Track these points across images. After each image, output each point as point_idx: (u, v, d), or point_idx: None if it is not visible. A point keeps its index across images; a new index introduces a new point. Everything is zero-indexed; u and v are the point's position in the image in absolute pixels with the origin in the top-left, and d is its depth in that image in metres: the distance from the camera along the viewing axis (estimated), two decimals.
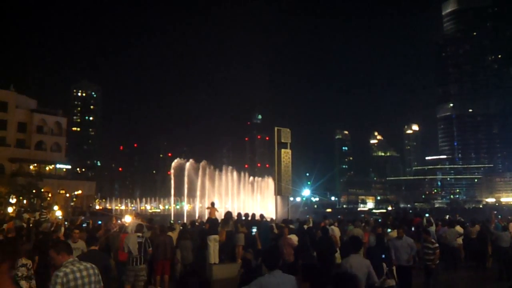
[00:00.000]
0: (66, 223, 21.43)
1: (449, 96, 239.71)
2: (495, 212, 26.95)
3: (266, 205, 50.14)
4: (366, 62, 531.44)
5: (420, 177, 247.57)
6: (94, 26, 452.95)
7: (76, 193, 77.64)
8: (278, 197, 25.61)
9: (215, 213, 17.73)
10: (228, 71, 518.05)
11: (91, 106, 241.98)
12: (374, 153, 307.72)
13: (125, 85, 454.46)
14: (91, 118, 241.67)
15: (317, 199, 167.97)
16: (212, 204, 18.80)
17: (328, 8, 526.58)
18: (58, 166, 79.59)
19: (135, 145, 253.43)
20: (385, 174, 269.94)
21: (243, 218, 17.20)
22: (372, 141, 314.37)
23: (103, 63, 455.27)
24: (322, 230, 14.25)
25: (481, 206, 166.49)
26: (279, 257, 6.15)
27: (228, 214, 16.50)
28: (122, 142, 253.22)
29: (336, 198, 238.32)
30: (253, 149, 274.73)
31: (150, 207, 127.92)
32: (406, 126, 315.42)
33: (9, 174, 67.97)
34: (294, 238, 12.79)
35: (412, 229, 17.08)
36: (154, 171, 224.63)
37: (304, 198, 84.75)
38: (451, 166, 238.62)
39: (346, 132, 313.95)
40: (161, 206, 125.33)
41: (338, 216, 27.83)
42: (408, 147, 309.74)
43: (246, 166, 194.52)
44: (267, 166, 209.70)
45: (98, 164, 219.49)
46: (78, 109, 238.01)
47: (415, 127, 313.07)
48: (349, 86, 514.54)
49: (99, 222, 24.43)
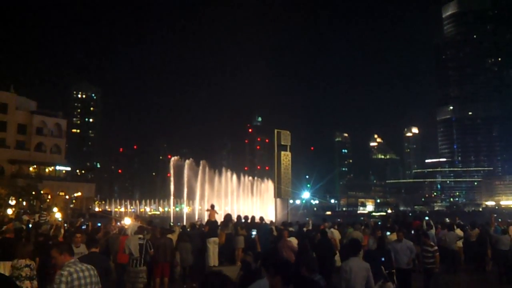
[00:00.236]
0: (65, 225, 21.39)
1: (449, 98, 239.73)
2: (495, 215, 26.86)
3: (266, 207, 50.13)
4: (366, 65, 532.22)
5: (419, 180, 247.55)
6: (94, 27, 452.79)
7: (75, 195, 77.57)
8: (277, 199, 25.59)
9: (215, 215, 17.70)
10: (228, 73, 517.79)
11: (91, 108, 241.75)
12: (374, 155, 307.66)
13: (125, 87, 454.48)
14: (91, 120, 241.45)
15: (316, 202, 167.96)
16: (211, 206, 18.75)
17: (328, 11, 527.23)
18: (57, 167, 79.66)
19: (135, 147, 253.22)
20: (384, 177, 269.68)
21: (243, 220, 17.19)
22: (372, 143, 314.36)
23: (103, 65, 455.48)
24: (321, 232, 14.25)
25: (480, 209, 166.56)
26: (278, 260, 6.16)
27: (227, 216, 16.48)
28: (122, 144, 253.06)
29: (335, 201, 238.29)
30: (253, 151, 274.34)
31: (149, 209, 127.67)
32: (406, 129, 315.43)
33: (8, 176, 67.90)
34: (293, 241, 12.79)
35: (411, 232, 17.08)
36: (153, 173, 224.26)
37: (303, 201, 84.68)
38: (451, 169, 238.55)
39: (346, 134, 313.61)
40: (160, 208, 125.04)
41: (338, 219, 27.79)
42: (408, 150, 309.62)
43: (246, 168, 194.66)
44: (267, 168, 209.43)
45: (98, 166, 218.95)
46: (78, 110, 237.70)
47: (415, 130, 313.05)
48: (349, 89, 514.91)
49: (99, 224, 24.42)
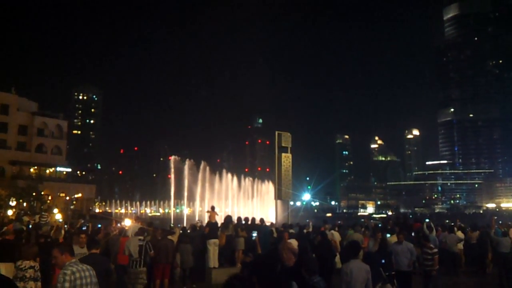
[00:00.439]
0: (66, 226, 21.35)
1: (449, 101, 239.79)
2: (496, 217, 26.82)
3: (266, 209, 50.10)
4: (367, 67, 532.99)
5: (420, 182, 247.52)
6: (95, 29, 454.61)
7: (76, 196, 77.57)
8: (278, 201, 25.53)
9: (215, 217, 17.67)
10: (229, 75, 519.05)
11: (92, 109, 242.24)
12: (375, 157, 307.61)
13: (126, 88, 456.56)
14: (92, 121, 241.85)
15: (317, 204, 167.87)
16: (212, 208, 18.73)
17: (329, 13, 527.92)
18: (58, 169, 79.70)
19: (136, 148, 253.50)
20: (385, 178, 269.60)
21: (243, 222, 17.16)
22: (372, 145, 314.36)
23: (104, 67, 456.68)
24: (321, 234, 14.24)
25: (481, 212, 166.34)
26: (278, 262, 6.17)
27: (228, 218, 16.45)
28: (123, 145, 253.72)
29: (336, 203, 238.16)
30: (253, 153, 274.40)
31: (150, 211, 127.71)
32: (406, 131, 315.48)
33: (9, 177, 68.04)
34: (294, 242, 12.75)
35: (412, 234, 17.05)
36: (154, 175, 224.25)
37: (304, 203, 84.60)
38: (452, 171, 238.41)
39: (346, 136, 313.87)
40: (161, 210, 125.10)
41: (338, 221, 27.70)
42: (408, 152, 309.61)
43: (246, 170, 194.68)
44: (267, 170, 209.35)
45: (99, 167, 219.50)
46: (79, 112, 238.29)
47: (416, 132, 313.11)
48: (350, 91, 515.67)
49: (99, 226, 24.35)
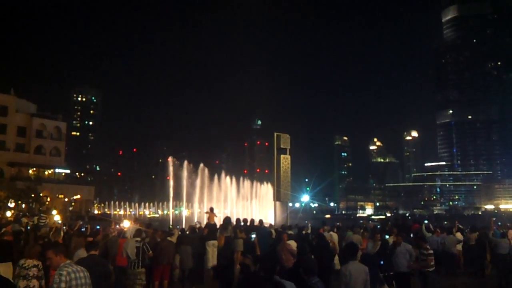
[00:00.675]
0: (64, 228, 21.31)
1: (448, 102, 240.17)
2: (494, 219, 26.89)
3: (265, 210, 50.06)
4: (366, 68, 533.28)
5: (419, 183, 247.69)
6: (94, 31, 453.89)
7: (75, 197, 77.51)
8: (277, 202, 25.56)
9: (214, 218, 17.69)
10: (227, 77, 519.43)
11: (91, 111, 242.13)
12: (374, 159, 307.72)
13: (124, 90, 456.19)
14: (91, 123, 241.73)
15: (316, 205, 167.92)
16: (211, 209, 18.76)
17: (329, 15, 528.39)
18: (57, 170, 79.65)
19: (134, 150, 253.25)
20: (384, 180, 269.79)
21: (242, 223, 17.17)
22: (371, 147, 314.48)
23: (103, 68, 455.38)
24: (317, 236, 14.27)
25: (480, 213, 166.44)
26: (276, 263, 6.18)
27: (227, 219, 16.46)
28: (122, 147, 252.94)
29: (335, 204, 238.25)
30: (252, 154, 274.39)
31: (148, 212, 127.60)
32: (405, 133, 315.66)
33: (8, 178, 67.97)
34: (293, 244, 12.78)
35: (410, 235, 17.08)
36: (153, 176, 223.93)
37: (303, 204, 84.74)
38: (450, 173, 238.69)
39: (345, 138, 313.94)
40: (159, 211, 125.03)
41: (337, 223, 27.73)
42: (407, 154, 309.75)
43: (245, 171, 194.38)
44: (266, 171, 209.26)
45: (97, 168, 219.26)
46: (78, 113, 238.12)
47: (415, 134, 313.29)
48: (348, 92, 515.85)
49: (98, 227, 24.31)
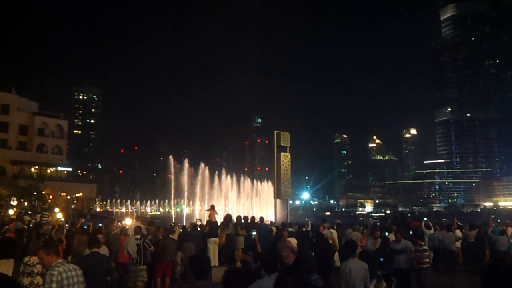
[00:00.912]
0: (67, 226, 21.41)
1: (447, 100, 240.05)
2: (493, 216, 26.97)
3: (265, 208, 50.22)
4: (365, 67, 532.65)
5: (418, 181, 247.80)
6: (95, 29, 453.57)
7: (77, 195, 77.68)
8: (277, 200, 25.67)
9: (215, 216, 17.81)
10: (228, 75, 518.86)
11: (92, 109, 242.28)
12: (373, 157, 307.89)
13: (126, 88, 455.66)
14: (92, 121, 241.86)
15: (316, 202, 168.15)
16: (212, 206, 18.86)
17: (328, 13, 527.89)
18: (59, 168, 79.66)
19: (136, 148, 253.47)
20: (383, 177, 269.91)
21: (243, 221, 17.28)
22: (370, 145, 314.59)
23: (105, 66, 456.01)
24: (316, 234, 14.42)
25: (479, 210, 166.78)
26: (277, 261, 6.30)
27: (227, 217, 16.56)
28: (123, 145, 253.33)
29: (335, 202, 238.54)
30: (253, 152, 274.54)
31: (150, 210, 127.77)
32: (404, 130, 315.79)
33: (10, 176, 67.95)
34: (293, 241, 12.91)
35: (410, 232, 17.22)
36: (154, 174, 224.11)
37: (303, 201, 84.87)
38: (449, 170, 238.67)
39: (345, 136, 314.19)
40: (161, 209, 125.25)
41: (337, 220, 27.84)
42: (406, 151, 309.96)
43: (246, 169, 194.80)
44: (267, 169, 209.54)
45: (99, 166, 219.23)
46: (80, 112, 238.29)
47: (414, 131, 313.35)
48: (348, 90, 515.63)
49: (100, 225, 24.47)
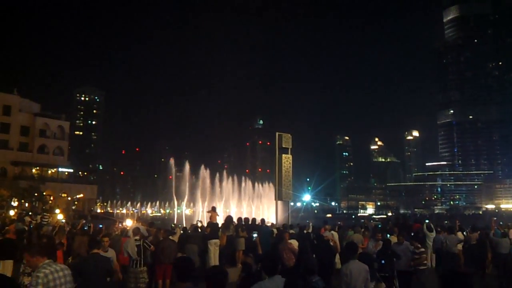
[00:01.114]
0: (67, 227, 21.38)
1: (449, 102, 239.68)
2: (495, 218, 26.87)
3: (267, 210, 50.20)
4: (367, 68, 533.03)
5: (420, 183, 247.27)
6: (97, 30, 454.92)
7: (77, 196, 77.80)
8: (278, 202, 25.59)
9: (216, 217, 17.77)
10: (229, 76, 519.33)
11: (94, 110, 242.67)
12: (375, 158, 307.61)
13: (127, 89, 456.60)
14: (94, 122, 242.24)
15: (317, 204, 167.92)
16: (213, 208, 18.84)
17: (330, 14, 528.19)
18: (60, 169, 79.77)
19: (137, 149, 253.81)
20: (385, 180, 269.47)
21: (244, 223, 17.24)
22: (372, 146, 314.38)
23: (106, 68, 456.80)
24: (316, 236, 14.38)
25: (480, 213, 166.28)
26: (278, 263, 6.26)
27: (228, 218, 16.53)
28: (124, 146, 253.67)
29: (336, 204, 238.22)
30: (254, 154, 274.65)
31: (151, 211, 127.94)
32: (406, 132, 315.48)
33: (11, 177, 68.15)
34: (294, 243, 12.88)
35: (411, 234, 17.17)
36: (155, 175, 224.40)
37: (304, 203, 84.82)
38: (451, 172, 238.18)
39: (346, 137, 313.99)
40: (162, 210, 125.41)
41: (338, 222, 27.76)
42: (408, 153, 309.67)
43: (247, 171, 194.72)
44: (268, 171, 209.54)
45: (100, 168, 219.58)
46: (81, 113, 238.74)
47: (416, 133, 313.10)
48: (350, 92, 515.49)
49: (100, 226, 24.44)
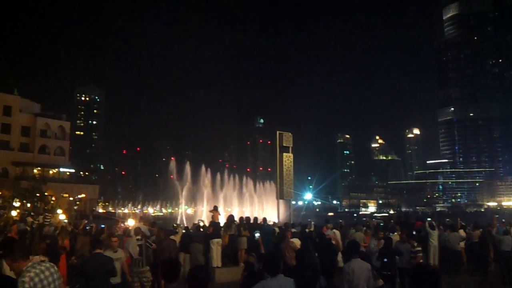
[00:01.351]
0: (69, 227, 21.36)
1: (450, 100, 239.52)
2: (497, 216, 26.76)
3: (268, 209, 50.13)
4: (368, 66, 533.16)
5: (421, 181, 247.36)
6: (98, 30, 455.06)
7: (79, 196, 77.85)
8: (280, 201, 25.62)
9: (218, 217, 17.77)
10: (230, 76, 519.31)
11: (95, 110, 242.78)
12: (376, 157, 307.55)
13: (128, 89, 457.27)
14: (95, 122, 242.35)
15: (319, 203, 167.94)
16: (215, 208, 18.84)
17: (329, 12, 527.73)
18: (61, 170, 79.86)
19: (138, 149, 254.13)
20: (386, 178, 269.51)
21: (245, 222, 17.26)
22: (373, 145, 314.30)
23: (107, 68, 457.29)
24: (319, 234, 14.39)
25: (482, 210, 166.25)
26: (280, 263, 6.27)
27: (230, 217, 16.55)
28: (125, 146, 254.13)
29: (337, 202, 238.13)
30: (255, 153, 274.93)
31: (153, 211, 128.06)
32: (407, 130, 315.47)
33: (12, 178, 68.28)
34: (296, 242, 12.89)
35: (413, 233, 17.15)
36: (157, 175, 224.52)
37: (306, 202, 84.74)
38: (452, 170, 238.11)
39: (347, 136, 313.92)
40: (163, 210, 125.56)
41: (340, 220, 27.75)
42: (409, 151, 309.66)
43: (248, 170, 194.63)
44: (269, 170, 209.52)
45: (101, 167, 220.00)
46: (82, 113, 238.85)
47: (416, 131, 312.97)
48: (350, 90, 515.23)
49: (102, 226, 24.43)
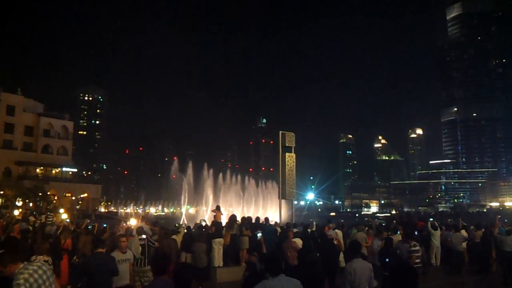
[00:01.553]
0: (72, 227, 21.41)
1: (453, 100, 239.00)
2: (499, 216, 26.73)
3: (270, 208, 50.15)
4: (371, 66, 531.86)
5: (424, 181, 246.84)
6: (101, 30, 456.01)
7: (82, 196, 78.07)
8: (282, 200, 25.61)
9: (220, 216, 17.80)
10: (233, 75, 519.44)
11: (98, 110, 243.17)
12: (378, 157, 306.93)
13: (131, 89, 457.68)
14: (97, 122, 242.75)
15: (321, 203, 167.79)
16: (217, 207, 18.89)
17: (332, 12, 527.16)
18: (64, 169, 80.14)
19: (141, 148, 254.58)
20: (389, 178, 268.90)
21: (247, 221, 17.28)
22: (376, 145, 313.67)
23: (110, 68, 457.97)
24: (320, 235, 14.39)
25: (485, 210, 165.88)
26: (281, 262, 6.27)
27: (232, 217, 16.58)
28: (128, 146, 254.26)
29: (340, 202, 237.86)
30: (257, 153, 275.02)
31: (155, 210, 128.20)
32: (410, 130, 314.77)
33: (15, 177, 68.46)
34: (298, 241, 12.90)
35: (415, 233, 17.13)
36: (159, 175, 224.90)
37: (308, 202, 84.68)
38: (455, 170, 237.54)
39: (350, 136, 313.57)
40: (165, 209, 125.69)
41: (342, 220, 27.76)
42: (412, 151, 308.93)
43: (250, 170, 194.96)
44: (272, 170, 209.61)
45: (104, 167, 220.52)
46: (85, 113, 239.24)
47: (419, 131, 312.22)
48: (353, 90, 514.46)
49: (104, 225, 24.48)
